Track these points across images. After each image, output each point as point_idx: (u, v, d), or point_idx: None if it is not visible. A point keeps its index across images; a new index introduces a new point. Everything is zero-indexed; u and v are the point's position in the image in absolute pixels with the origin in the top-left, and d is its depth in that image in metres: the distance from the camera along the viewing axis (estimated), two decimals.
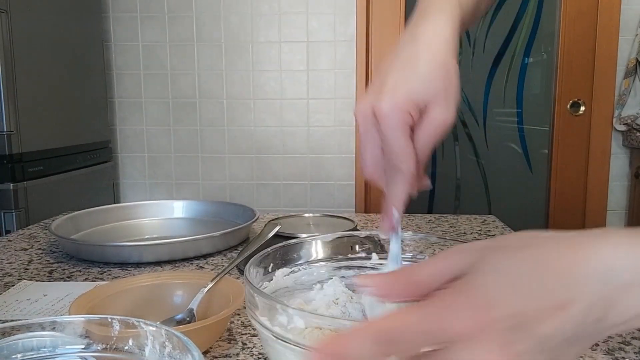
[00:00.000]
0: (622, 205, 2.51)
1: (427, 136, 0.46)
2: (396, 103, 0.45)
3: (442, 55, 0.46)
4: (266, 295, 0.40)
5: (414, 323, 0.29)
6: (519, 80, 2.60)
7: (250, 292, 0.41)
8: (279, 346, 0.38)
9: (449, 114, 0.46)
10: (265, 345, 0.41)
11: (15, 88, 1.75)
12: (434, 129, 0.46)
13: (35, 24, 1.88)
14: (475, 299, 0.29)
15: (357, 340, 0.29)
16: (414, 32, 0.48)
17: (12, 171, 1.75)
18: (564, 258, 0.30)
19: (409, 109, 0.45)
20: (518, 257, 0.31)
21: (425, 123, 0.46)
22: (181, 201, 1.14)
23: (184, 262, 0.88)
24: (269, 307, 0.40)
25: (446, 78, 0.46)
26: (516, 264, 0.31)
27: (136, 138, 2.58)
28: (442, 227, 1.11)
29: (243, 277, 0.44)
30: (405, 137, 0.45)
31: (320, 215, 1.12)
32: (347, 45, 2.45)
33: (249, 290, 0.42)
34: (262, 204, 2.53)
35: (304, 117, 2.50)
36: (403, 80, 0.46)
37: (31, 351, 0.38)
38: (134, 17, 2.49)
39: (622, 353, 0.55)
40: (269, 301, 0.40)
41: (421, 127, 0.46)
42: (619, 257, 0.30)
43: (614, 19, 2.40)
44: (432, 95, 0.45)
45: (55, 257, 0.91)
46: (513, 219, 2.36)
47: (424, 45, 0.47)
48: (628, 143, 2.42)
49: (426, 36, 0.47)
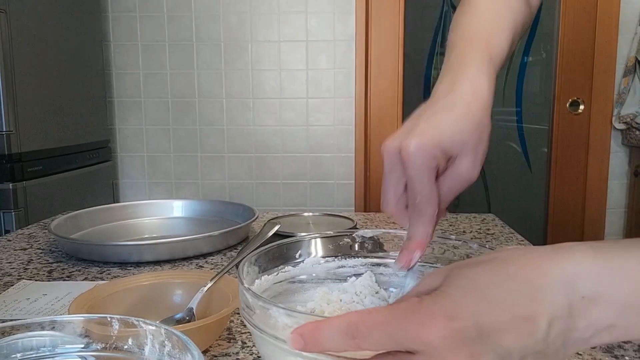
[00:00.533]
0: (622, 203, 2.51)
1: (450, 186, 0.46)
2: (424, 144, 0.44)
3: (480, 113, 0.46)
4: (255, 294, 0.40)
5: (381, 323, 0.31)
6: (518, 79, 2.60)
7: (243, 291, 0.41)
8: (270, 344, 0.38)
9: (475, 170, 0.46)
10: (259, 344, 0.42)
11: (14, 88, 1.75)
12: (458, 182, 0.46)
13: (34, 24, 1.88)
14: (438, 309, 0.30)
15: (329, 329, 0.32)
16: (453, 86, 0.48)
17: (12, 171, 1.75)
18: (528, 270, 0.31)
19: (436, 152, 0.44)
20: (483, 270, 0.32)
21: (450, 173, 0.46)
22: (180, 200, 1.14)
23: (184, 262, 0.88)
24: (260, 306, 0.40)
25: (479, 135, 0.46)
26: (481, 276, 0.31)
27: (135, 137, 2.58)
28: (442, 226, 1.11)
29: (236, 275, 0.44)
30: (429, 180, 0.44)
31: (320, 215, 1.12)
32: (346, 44, 2.45)
33: (241, 289, 0.42)
34: (262, 203, 2.53)
35: (304, 116, 2.50)
36: (435, 124, 0.45)
37: (31, 351, 0.38)
38: (133, 17, 2.49)
39: (622, 351, 0.55)
40: (260, 300, 0.40)
41: (446, 176, 0.46)
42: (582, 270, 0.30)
43: (613, 17, 2.40)
44: (462, 146, 0.45)
45: (54, 256, 0.91)
46: (512, 217, 2.36)
47: (461, 99, 0.47)
48: (627, 141, 2.42)
49: (465, 91, 0.47)
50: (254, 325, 0.39)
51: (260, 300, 0.39)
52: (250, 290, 0.40)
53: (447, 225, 1.12)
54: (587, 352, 0.55)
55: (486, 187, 2.69)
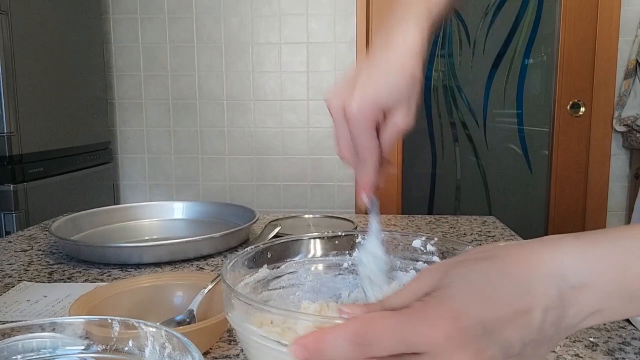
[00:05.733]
0: (622, 206, 2.51)
1: (389, 136, 0.52)
2: (363, 105, 0.50)
3: (411, 65, 0.51)
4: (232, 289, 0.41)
5: (389, 328, 0.31)
6: (519, 81, 2.60)
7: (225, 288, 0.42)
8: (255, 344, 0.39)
9: (409, 119, 0.52)
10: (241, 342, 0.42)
11: (15, 89, 1.75)
12: (395, 132, 0.52)
13: (35, 25, 1.88)
14: (444, 310, 0.31)
15: (335, 339, 0.32)
16: (387, 39, 0.53)
17: (12, 172, 1.75)
18: (520, 266, 0.33)
19: (374, 111, 0.50)
20: (479, 268, 0.33)
21: (388, 125, 0.52)
22: (181, 202, 1.14)
23: (184, 263, 0.88)
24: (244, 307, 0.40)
25: (411, 86, 0.51)
26: (477, 275, 0.33)
27: (136, 139, 2.58)
28: (442, 228, 1.11)
29: None
30: (369, 136, 0.51)
31: (320, 216, 1.12)
32: (347, 46, 2.45)
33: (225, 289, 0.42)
34: (262, 205, 2.53)
35: (304, 118, 2.50)
36: (373, 83, 0.51)
37: (31, 352, 0.38)
38: (134, 18, 2.49)
39: (622, 354, 0.55)
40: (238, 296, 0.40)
41: (385, 129, 0.52)
42: (570, 262, 0.32)
43: (614, 20, 2.40)
44: (397, 101, 0.51)
45: (55, 258, 0.91)
46: (513, 220, 2.36)
47: (394, 52, 0.52)
48: (628, 144, 2.42)
49: (397, 44, 0.52)
50: (233, 322, 0.40)
51: (238, 295, 0.40)
52: (228, 285, 0.41)
53: (448, 228, 1.12)
54: (588, 354, 0.55)
55: (487, 189, 2.69)
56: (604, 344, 0.57)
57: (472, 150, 2.66)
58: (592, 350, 0.56)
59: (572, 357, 0.54)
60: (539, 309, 0.31)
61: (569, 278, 0.32)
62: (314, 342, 0.32)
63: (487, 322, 0.31)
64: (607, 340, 0.58)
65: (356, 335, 0.31)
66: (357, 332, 0.32)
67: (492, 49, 2.59)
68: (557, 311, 0.32)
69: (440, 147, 2.67)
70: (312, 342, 0.32)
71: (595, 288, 0.32)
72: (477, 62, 2.61)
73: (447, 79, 2.63)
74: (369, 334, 0.31)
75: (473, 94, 2.63)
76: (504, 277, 0.32)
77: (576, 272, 0.32)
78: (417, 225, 1.14)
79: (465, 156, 2.67)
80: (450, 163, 2.68)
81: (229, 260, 0.48)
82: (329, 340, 0.32)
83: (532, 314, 0.31)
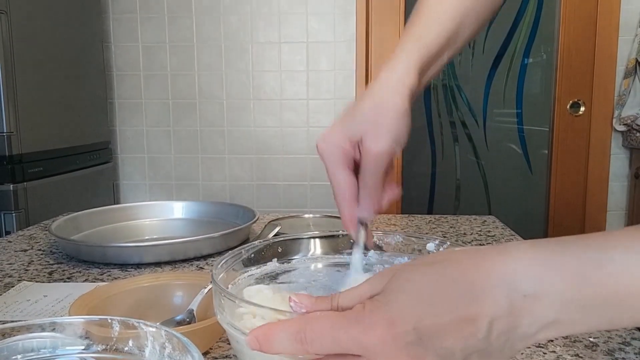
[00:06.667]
0: (622, 205, 2.51)
1: (366, 166, 0.50)
2: (329, 140, 0.50)
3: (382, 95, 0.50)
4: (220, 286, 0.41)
5: (326, 329, 0.33)
6: (518, 80, 2.60)
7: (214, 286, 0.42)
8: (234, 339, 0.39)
9: (377, 144, 0.48)
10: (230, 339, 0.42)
11: (15, 89, 1.75)
12: (368, 158, 0.49)
13: (35, 25, 1.88)
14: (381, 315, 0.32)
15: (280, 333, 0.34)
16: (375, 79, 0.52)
17: (12, 172, 1.75)
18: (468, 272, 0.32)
19: (341, 144, 0.49)
20: (424, 273, 0.33)
21: (362, 155, 0.50)
22: (181, 202, 1.14)
23: (184, 263, 0.88)
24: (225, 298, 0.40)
25: (377, 113, 0.49)
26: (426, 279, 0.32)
27: (136, 139, 2.58)
28: (442, 227, 1.11)
29: None
30: (338, 170, 0.50)
31: (321, 216, 1.12)
32: (346, 45, 2.45)
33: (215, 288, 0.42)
34: (262, 205, 2.53)
35: (304, 117, 2.50)
36: (342, 120, 0.51)
37: (31, 352, 0.38)
38: (134, 18, 2.49)
39: (622, 354, 0.55)
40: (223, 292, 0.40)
41: (361, 159, 0.50)
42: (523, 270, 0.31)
43: (614, 19, 2.40)
44: (363, 129, 0.49)
45: (55, 258, 0.91)
46: (513, 219, 2.36)
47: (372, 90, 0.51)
48: (628, 143, 2.42)
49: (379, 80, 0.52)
50: (221, 320, 0.40)
51: (223, 292, 0.40)
52: (216, 282, 0.41)
53: (448, 228, 1.12)
54: (588, 354, 0.55)
55: (487, 189, 2.69)
56: (604, 344, 0.57)
57: (472, 149, 2.66)
58: (592, 350, 0.56)
59: (572, 357, 0.54)
60: (485, 317, 0.30)
61: (522, 286, 0.30)
62: (262, 335, 0.34)
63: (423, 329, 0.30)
64: (607, 340, 0.58)
65: (297, 333, 0.33)
66: (299, 330, 0.33)
67: (491, 48, 2.59)
68: (507, 320, 0.30)
69: (440, 147, 2.67)
70: (261, 334, 0.34)
71: (550, 297, 0.30)
72: (477, 62, 2.61)
73: (447, 79, 2.63)
74: (309, 332, 0.33)
75: (473, 93, 2.63)
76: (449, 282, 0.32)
77: (530, 280, 0.30)
78: (417, 225, 1.14)
79: (465, 156, 2.67)
80: (450, 163, 2.68)
81: (220, 259, 0.48)
82: (275, 334, 0.34)
83: (477, 323, 0.30)
